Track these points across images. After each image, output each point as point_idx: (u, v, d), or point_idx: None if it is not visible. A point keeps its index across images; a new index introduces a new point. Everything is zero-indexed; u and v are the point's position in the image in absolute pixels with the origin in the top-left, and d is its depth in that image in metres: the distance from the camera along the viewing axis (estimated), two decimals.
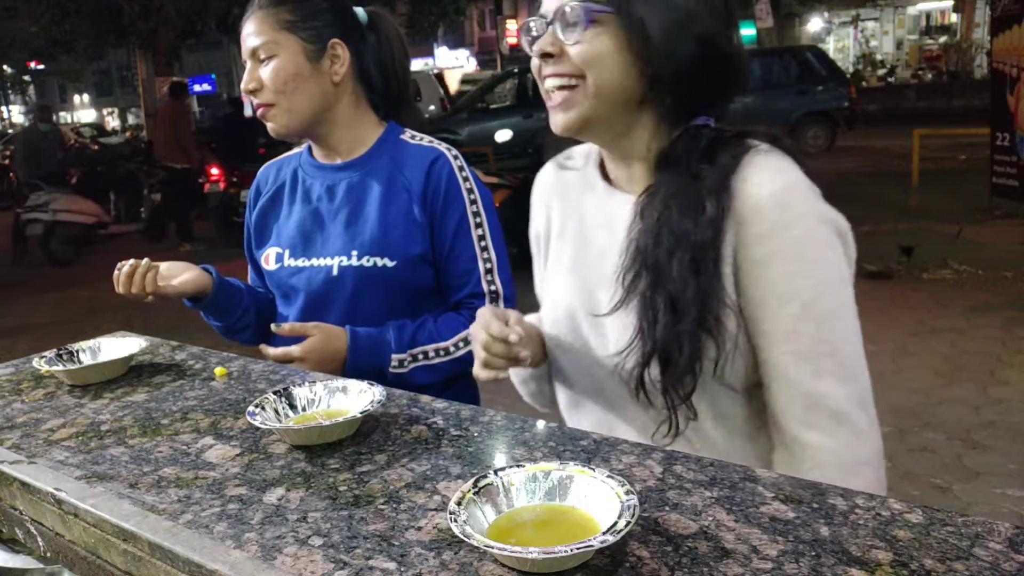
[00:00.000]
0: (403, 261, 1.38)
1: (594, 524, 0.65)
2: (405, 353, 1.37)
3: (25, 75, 33.45)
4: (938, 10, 31.32)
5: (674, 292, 0.89)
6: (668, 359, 0.90)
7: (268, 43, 1.35)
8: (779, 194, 0.89)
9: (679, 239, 0.90)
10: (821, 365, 0.89)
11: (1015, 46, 6.64)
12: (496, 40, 24.30)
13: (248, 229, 1.56)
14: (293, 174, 1.50)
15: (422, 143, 1.45)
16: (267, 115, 1.37)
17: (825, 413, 0.89)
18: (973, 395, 3.60)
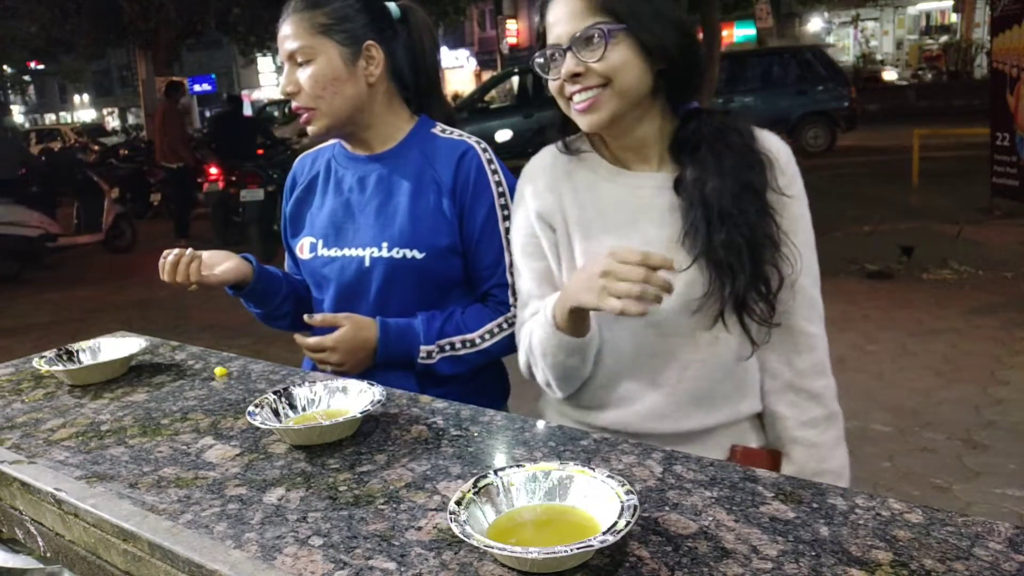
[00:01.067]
0: (432, 253, 1.40)
1: (594, 524, 0.65)
2: (433, 344, 1.40)
3: (25, 75, 33.44)
4: (938, 10, 31.32)
5: (750, 236, 1.08)
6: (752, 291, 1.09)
7: (305, 47, 1.37)
8: (788, 154, 1.16)
9: (746, 189, 1.10)
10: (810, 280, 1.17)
11: (1015, 46, 6.64)
12: (496, 40, 24.30)
13: (284, 218, 1.59)
14: (327, 165, 1.53)
15: (452, 136, 1.48)
16: (311, 119, 1.40)
17: (818, 313, 1.18)
18: (973, 395, 3.60)
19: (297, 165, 1.59)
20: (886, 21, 32.52)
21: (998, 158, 7.01)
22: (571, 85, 1.11)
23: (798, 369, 1.18)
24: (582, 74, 1.09)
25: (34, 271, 8.30)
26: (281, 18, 1.41)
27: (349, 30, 1.39)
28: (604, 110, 1.10)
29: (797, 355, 1.18)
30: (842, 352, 3.96)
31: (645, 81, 1.11)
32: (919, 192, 8.12)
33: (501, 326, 1.43)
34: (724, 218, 1.09)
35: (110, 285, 7.61)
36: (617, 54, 1.08)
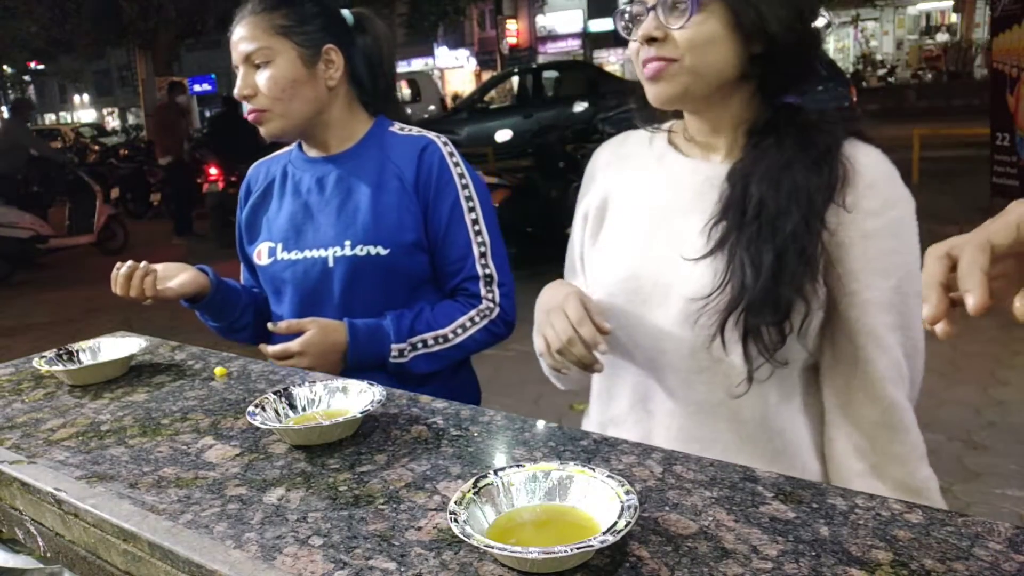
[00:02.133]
0: (397, 249, 1.38)
1: (594, 524, 0.65)
2: (405, 343, 1.38)
3: (25, 75, 33.43)
4: (938, 10, 31.31)
5: (782, 245, 0.93)
6: (764, 307, 0.93)
7: (263, 48, 1.35)
8: (890, 175, 0.98)
9: (799, 194, 0.94)
10: (900, 336, 0.97)
11: (1015, 46, 6.63)
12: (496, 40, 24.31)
13: (239, 228, 1.56)
14: (283, 170, 1.51)
15: (411, 133, 1.47)
16: (261, 120, 1.38)
17: (907, 379, 0.98)
18: (973, 396, 3.60)
19: (251, 173, 1.57)
20: (886, 21, 32.51)
21: (998, 158, 7.01)
22: (645, 50, 0.98)
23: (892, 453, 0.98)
24: (660, 40, 0.96)
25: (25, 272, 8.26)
26: (235, 20, 1.39)
27: (308, 32, 1.38)
28: (673, 83, 0.98)
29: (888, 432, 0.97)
30: None
31: (731, 64, 0.97)
32: (919, 192, 8.06)
33: (473, 319, 1.41)
34: (760, 213, 0.95)
35: (109, 285, 7.58)
36: (704, 27, 0.95)
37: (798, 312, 0.95)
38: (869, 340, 0.96)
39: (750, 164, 0.98)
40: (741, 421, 1.00)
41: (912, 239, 0.97)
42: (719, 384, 0.99)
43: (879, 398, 0.96)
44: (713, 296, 0.96)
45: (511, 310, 1.46)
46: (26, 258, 8.36)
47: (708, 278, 0.97)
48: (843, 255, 0.96)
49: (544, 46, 32.57)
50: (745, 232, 0.95)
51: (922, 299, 0.63)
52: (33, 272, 8.41)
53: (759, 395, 0.99)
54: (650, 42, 0.97)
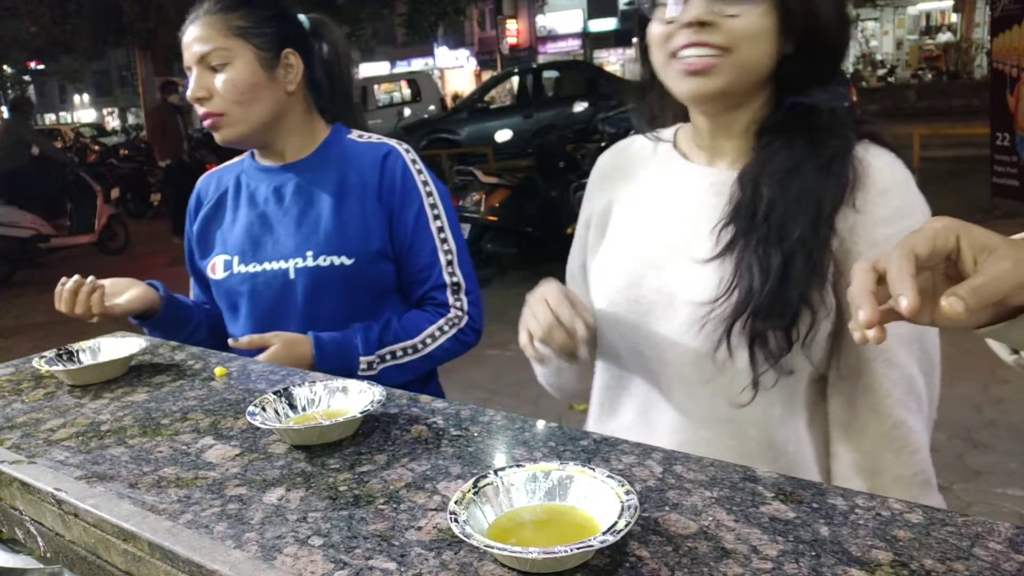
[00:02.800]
0: (361, 258, 1.35)
1: (594, 524, 0.65)
2: (373, 355, 1.34)
3: (25, 75, 33.44)
4: (938, 10, 31.31)
5: (790, 249, 0.90)
6: (771, 311, 0.90)
7: (220, 50, 1.31)
8: (905, 182, 0.93)
9: (807, 199, 0.90)
10: (913, 350, 0.93)
11: (1015, 46, 6.63)
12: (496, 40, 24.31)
13: (189, 242, 1.51)
14: (236, 180, 1.46)
15: (371, 140, 1.44)
16: (217, 124, 1.33)
17: (916, 397, 0.93)
18: (974, 394, 3.60)
19: (201, 184, 1.51)
20: (886, 21, 32.51)
21: (998, 158, 7.01)
22: (686, 35, 0.89)
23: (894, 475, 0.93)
24: (708, 26, 0.88)
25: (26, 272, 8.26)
26: (188, 20, 1.34)
27: (266, 35, 1.34)
28: (719, 79, 0.90)
29: (892, 453, 0.93)
30: None
31: (766, 62, 0.92)
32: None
33: (442, 328, 1.38)
34: (769, 216, 0.91)
35: None
36: (758, 19, 0.88)
37: (804, 320, 0.91)
38: (877, 354, 0.92)
39: (759, 166, 0.94)
40: (744, 436, 0.97)
41: None
42: (723, 394, 0.96)
43: (885, 416, 0.92)
44: (720, 300, 0.93)
45: (479, 318, 1.43)
46: (27, 257, 8.35)
47: (715, 282, 0.94)
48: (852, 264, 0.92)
49: (544, 46, 32.57)
50: (754, 235, 0.92)
51: (855, 307, 0.65)
52: (33, 272, 8.41)
53: (764, 408, 0.95)
54: (699, 27, 0.88)
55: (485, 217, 6.14)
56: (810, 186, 0.91)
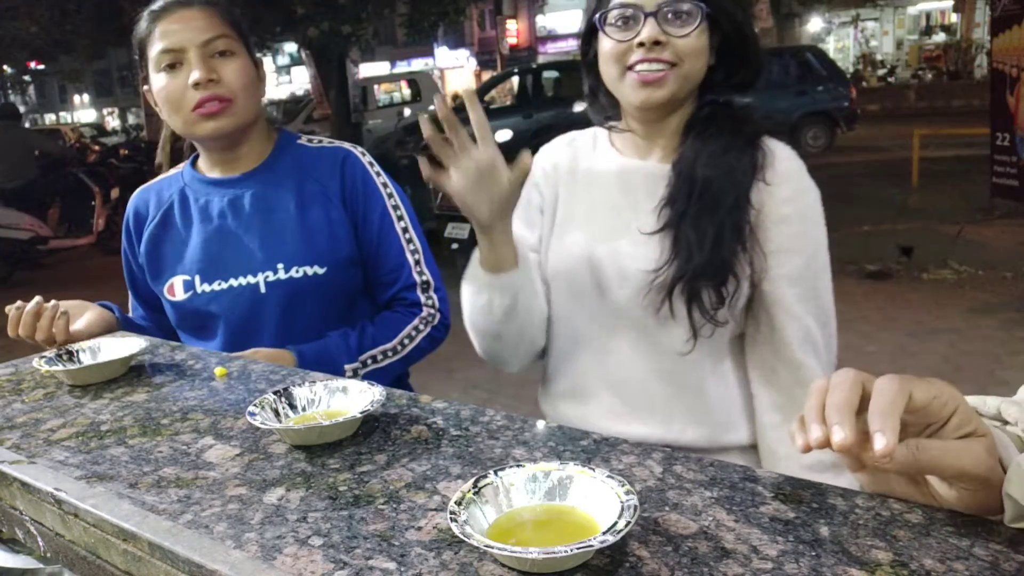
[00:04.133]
0: (333, 266, 1.33)
1: (594, 524, 0.65)
2: (356, 362, 1.33)
3: (25, 75, 33.44)
4: (938, 10, 31.32)
5: (720, 220, 1.07)
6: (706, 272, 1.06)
7: (226, 38, 1.30)
8: (800, 168, 1.12)
9: (734, 174, 1.08)
10: (810, 307, 1.11)
11: (1015, 46, 6.64)
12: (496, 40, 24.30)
13: (132, 262, 1.46)
14: (181, 195, 1.41)
15: (324, 144, 1.42)
16: (224, 110, 1.30)
17: (812, 343, 1.11)
18: (973, 395, 3.60)
19: (136, 201, 1.46)
20: (886, 21, 32.52)
21: (998, 158, 7.02)
22: (640, 52, 1.07)
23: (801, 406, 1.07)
24: (659, 44, 1.06)
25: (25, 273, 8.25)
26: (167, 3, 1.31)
27: (249, 43, 1.35)
28: (667, 89, 1.08)
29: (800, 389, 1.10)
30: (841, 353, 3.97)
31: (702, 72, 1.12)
32: (919, 192, 8.13)
33: (417, 328, 1.38)
34: (702, 197, 1.08)
35: (109, 285, 7.58)
36: (696, 38, 1.07)
37: (731, 283, 1.09)
38: (780, 310, 1.10)
39: (694, 152, 1.11)
40: (684, 384, 1.15)
41: (819, 222, 1.12)
42: (667, 347, 1.13)
43: (790, 360, 1.11)
44: (663, 268, 1.09)
45: (448, 313, 1.43)
46: (26, 259, 8.32)
47: (658, 252, 1.10)
48: (762, 237, 1.10)
49: (544, 46, 32.58)
50: (691, 210, 1.08)
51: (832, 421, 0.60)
52: (33, 273, 8.41)
53: (698, 359, 1.13)
54: (653, 46, 1.06)
55: None
56: (734, 164, 1.09)
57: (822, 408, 0.61)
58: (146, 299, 1.47)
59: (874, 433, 0.57)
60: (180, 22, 1.29)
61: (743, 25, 1.11)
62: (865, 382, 0.61)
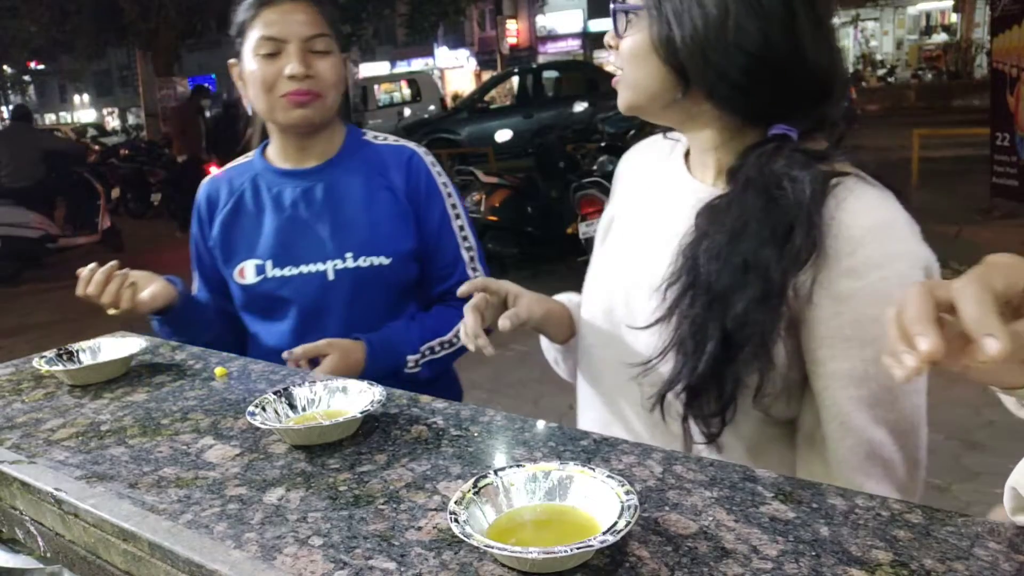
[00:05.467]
0: (397, 258, 1.39)
1: (594, 524, 0.65)
2: (418, 352, 1.39)
3: (25, 75, 33.44)
4: (938, 10, 31.33)
5: (732, 326, 0.82)
6: (704, 393, 0.85)
7: (325, 36, 1.36)
8: (879, 228, 0.82)
9: (754, 270, 0.82)
10: (879, 413, 0.83)
11: (1015, 46, 6.64)
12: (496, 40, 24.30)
13: (201, 246, 1.50)
14: (253, 183, 1.46)
15: (388, 142, 1.48)
16: (314, 104, 1.35)
17: (879, 462, 0.84)
18: (972, 395, 3.60)
19: (208, 188, 1.50)
20: (886, 21, 32.52)
21: (998, 158, 7.02)
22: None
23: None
24: (613, 48, 0.95)
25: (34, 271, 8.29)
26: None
27: (340, 39, 1.41)
28: (622, 96, 0.95)
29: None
30: None
31: (659, 83, 0.91)
32: (919, 192, 8.12)
33: None
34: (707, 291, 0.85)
35: None
36: (633, 40, 0.91)
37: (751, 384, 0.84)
38: (832, 417, 0.85)
39: (704, 224, 0.88)
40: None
41: None
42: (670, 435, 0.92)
43: (842, 480, 0.84)
44: (653, 363, 0.89)
45: None
46: (36, 257, 8.36)
47: (651, 346, 0.90)
48: (810, 316, 0.84)
49: (544, 46, 32.58)
50: (696, 303, 0.85)
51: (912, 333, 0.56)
52: (33, 272, 8.43)
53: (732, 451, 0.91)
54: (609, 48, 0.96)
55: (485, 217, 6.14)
56: (757, 257, 0.82)
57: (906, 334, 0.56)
58: (211, 282, 1.52)
59: (982, 338, 0.53)
60: (285, 14, 1.34)
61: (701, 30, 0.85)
62: (934, 289, 0.57)
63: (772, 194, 0.83)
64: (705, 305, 0.84)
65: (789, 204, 0.82)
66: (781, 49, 0.85)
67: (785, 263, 0.81)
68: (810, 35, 0.85)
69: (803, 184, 0.82)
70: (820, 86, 0.88)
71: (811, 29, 0.86)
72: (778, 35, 0.85)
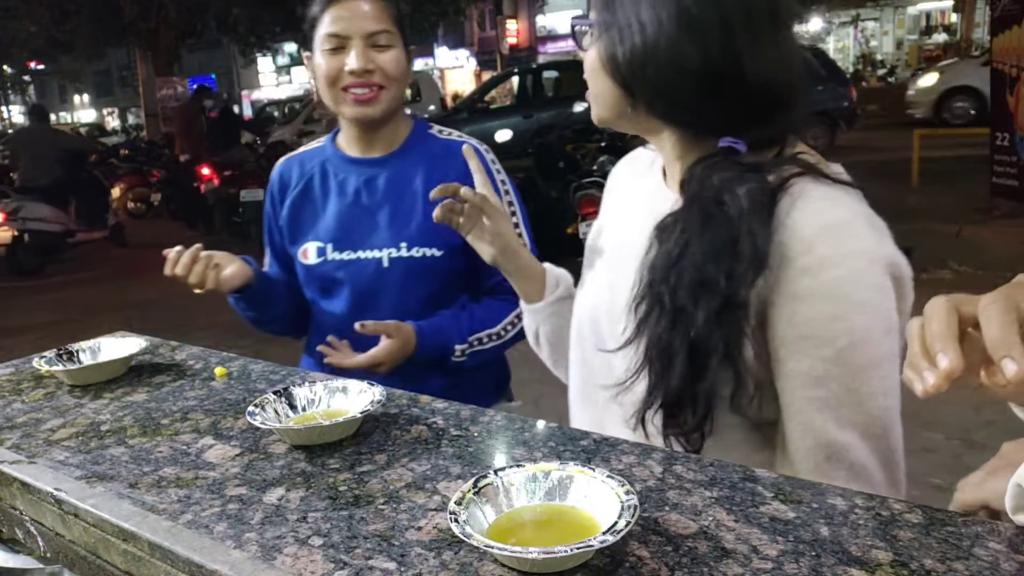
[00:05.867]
0: (449, 251, 1.44)
1: (594, 524, 0.65)
2: (465, 343, 1.44)
3: (25, 75, 33.43)
4: (938, 10, 31.33)
5: (696, 340, 0.82)
6: (680, 409, 0.85)
7: (388, 32, 1.43)
8: (833, 227, 0.82)
9: (706, 286, 0.82)
10: (844, 414, 0.82)
11: (1015, 46, 6.63)
12: (496, 40, 24.30)
13: (273, 223, 1.58)
14: (322, 168, 1.54)
15: (451, 137, 1.54)
16: (376, 97, 1.42)
17: (844, 465, 0.83)
18: (972, 395, 3.59)
19: (282, 168, 1.58)
20: (886, 21, 32.53)
21: (998, 158, 7.01)
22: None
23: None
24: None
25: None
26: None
27: (406, 33, 1.48)
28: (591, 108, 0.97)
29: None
30: None
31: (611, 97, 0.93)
32: (919, 192, 8.12)
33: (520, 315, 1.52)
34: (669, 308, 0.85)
35: (110, 285, 7.62)
36: (587, 56, 0.94)
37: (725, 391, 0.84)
38: (792, 416, 0.84)
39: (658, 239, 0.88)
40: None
41: (867, 300, 0.81)
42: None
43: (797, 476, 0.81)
44: (628, 383, 0.89)
45: None
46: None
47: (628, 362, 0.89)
48: (772, 316, 0.83)
49: (544, 46, 32.58)
50: (660, 322, 0.85)
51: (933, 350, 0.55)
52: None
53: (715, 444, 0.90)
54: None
55: None
56: (704, 275, 0.82)
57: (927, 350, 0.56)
58: (280, 257, 1.60)
59: (1001, 361, 0.53)
60: (350, 11, 1.41)
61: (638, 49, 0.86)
62: (959, 305, 0.57)
63: (710, 211, 0.84)
64: (668, 324, 0.84)
65: (728, 219, 0.83)
66: (719, 65, 0.85)
67: (736, 277, 0.81)
68: (749, 51, 0.85)
69: (740, 199, 0.83)
70: (766, 99, 0.88)
71: (750, 45, 0.85)
72: (715, 52, 0.85)
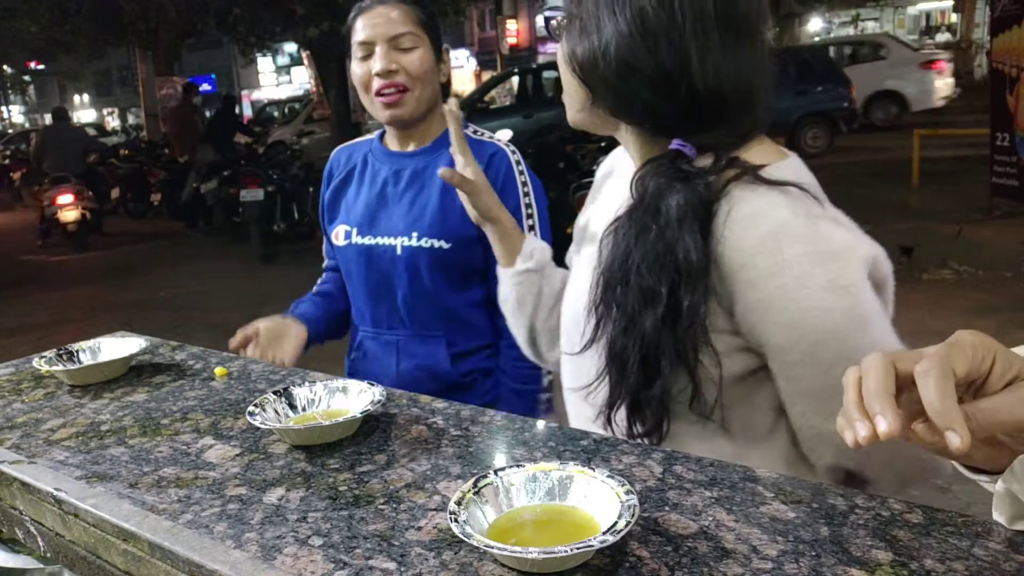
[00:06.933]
0: (457, 243, 1.51)
1: (594, 524, 0.65)
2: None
3: (25, 75, 33.43)
4: (938, 10, 31.33)
5: (648, 345, 0.83)
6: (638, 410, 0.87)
7: (412, 34, 1.49)
8: (766, 239, 0.81)
9: (649, 293, 0.83)
10: (825, 405, 0.82)
11: (1015, 46, 6.63)
12: (496, 40, 24.31)
13: (323, 205, 1.71)
14: (364, 158, 1.65)
15: (483, 138, 1.61)
16: (400, 100, 1.49)
17: (832, 449, 0.85)
18: None
19: (334, 157, 1.73)
20: (886, 21, 32.53)
21: (998, 158, 7.02)
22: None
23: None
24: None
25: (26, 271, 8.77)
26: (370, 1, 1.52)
27: (436, 31, 1.54)
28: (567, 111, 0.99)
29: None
30: None
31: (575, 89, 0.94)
32: (919, 192, 8.12)
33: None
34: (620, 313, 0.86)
35: (110, 285, 7.63)
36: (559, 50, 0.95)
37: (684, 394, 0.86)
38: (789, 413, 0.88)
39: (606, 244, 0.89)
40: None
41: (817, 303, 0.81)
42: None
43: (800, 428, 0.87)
44: (593, 386, 0.90)
45: None
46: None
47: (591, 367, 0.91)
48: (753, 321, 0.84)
49: (544, 46, 32.55)
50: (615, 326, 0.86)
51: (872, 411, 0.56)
52: (34, 272, 8.49)
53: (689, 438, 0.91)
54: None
55: None
56: (644, 282, 0.83)
57: (861, 401, 0.57)
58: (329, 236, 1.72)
59: (946, 433, 0.54)
60: (375, 18, 1.50)
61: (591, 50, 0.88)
62: (896, 362, 0.58)
63: (645, 221, 0.85)
64: (621, 329, 0.86)
65: (660, 229, 0.83)
66: (667, 67, 0.85)
67: (679, 286, 0.82)
68: (698, 55, 0.85)
69: (672, 209, 0.83)
70: (717, 104, 0.87)
71: (700, 49, 0.85)
72: (664, 54, 0.85)
